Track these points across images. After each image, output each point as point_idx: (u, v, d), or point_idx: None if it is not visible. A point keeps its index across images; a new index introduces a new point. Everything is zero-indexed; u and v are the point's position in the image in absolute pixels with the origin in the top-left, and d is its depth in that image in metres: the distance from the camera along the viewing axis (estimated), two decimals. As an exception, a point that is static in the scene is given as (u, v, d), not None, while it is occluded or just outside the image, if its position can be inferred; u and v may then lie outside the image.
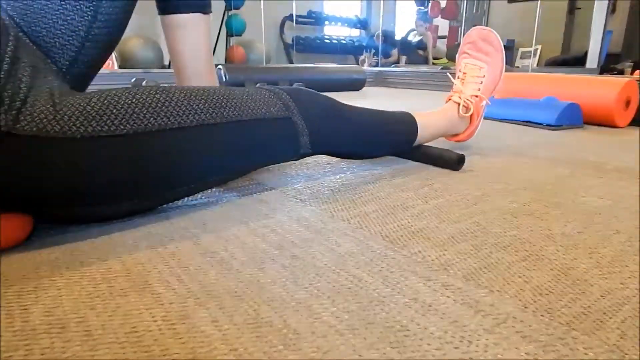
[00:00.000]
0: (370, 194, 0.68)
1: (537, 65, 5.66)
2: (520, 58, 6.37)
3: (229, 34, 5.69)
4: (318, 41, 6.58)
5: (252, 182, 0.73)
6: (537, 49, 5.81)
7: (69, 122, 0.45)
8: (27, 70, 0.45)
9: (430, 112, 0.90)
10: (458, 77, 0.99)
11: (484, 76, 0.96)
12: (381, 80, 3.19)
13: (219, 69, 2.31)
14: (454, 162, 0.81)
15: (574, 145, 1.08)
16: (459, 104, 0.94)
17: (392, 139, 0.82)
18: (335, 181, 0.74)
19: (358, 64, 6.65)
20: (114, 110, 0.48)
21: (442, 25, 6.47)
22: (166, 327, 0.34)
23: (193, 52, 0.74)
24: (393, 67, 3.77)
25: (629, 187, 0.72)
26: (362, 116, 0.74)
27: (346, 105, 0.72)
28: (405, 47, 5.43)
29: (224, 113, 0.56)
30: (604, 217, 0.58)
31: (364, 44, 7.00)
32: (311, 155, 0.68)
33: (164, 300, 0.38)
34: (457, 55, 1.03)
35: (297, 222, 0.56)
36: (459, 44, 1.05)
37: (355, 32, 7.30)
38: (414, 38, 5.71)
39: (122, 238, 0.50)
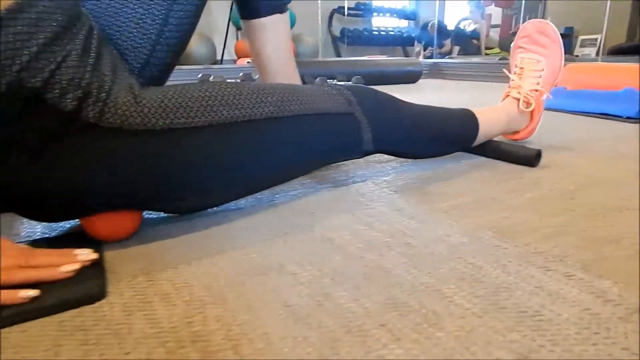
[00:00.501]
0: (459, 186, 0.69)
1: (599, 54, 5.34)
2: (580, 46, 6.03)
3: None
4: (367, 33, 6.52)
5: (341, 174, 0.76)
6: (599, 37, 5.48)
7: (149, 114, 0.48)
8: (109, 66, 0.49)
9: (489, 109, 0.88)
10: (515, 72, 0.96)
11: (542, 69, 0.93)
12: (436, 72, 3.14)
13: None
14: (532, 158, 0.80)
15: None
16: (518, 100, 0.92)
17: (453, 137, 0.80)
18: (419, 175, 0.76)
19: (407, 56, 6.55)
20: (189, 103, 0.51)
21: (495, 13, 6.24)
22: (314, 303, 0.38)
23: (275, 51, 0.77)
24: (447, 58, 3.69)
25: None
26: (423, 114, 0.74)
27: (406, 102, 0.73)
28: (459, 37, 5.29)
29: (290, 107, 0.57)
30: None
31: (414, 35, 6.87)
32: (373, 154, 0.68)
33: (302, 280, 0.42)
34: (511, 50, 1.00)
35: (399, 212, 0.58)
36: (514, 33, 1.03)
37: (404, 23, 7.17)
38: (467, 27, 5.55)
39: (240, 225, 0.55)
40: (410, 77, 2.68)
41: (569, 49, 5.95)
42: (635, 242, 0.49)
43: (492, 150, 0.86)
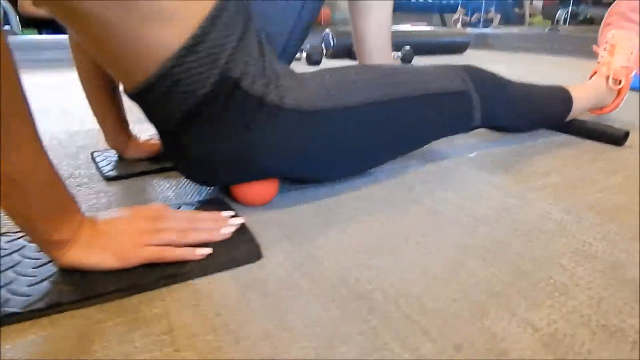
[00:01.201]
0: (547, 165, 0.72)
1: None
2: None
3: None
4: (404, -1, 6.32)
5: (426, 151, 0.79)
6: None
7: (313, 96, 0.53)
8: (273, 55, 0.54)
9: (580, 86, 0.90)
10: (604, 49, 0.96)
11: (635, 46, 0.93)
12: (483, 43, 3.06)
13: (327, 33, 2.35)
14: (620, 138, 0.82)
15: None
16: (607, 77, 0.92)
17: (551, 113, 0.85)
18: (504, 151, 0.78)
19: (444, 23, 6.33)
20: (343, 87, 0.56)
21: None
22: (451, 271, 0.43)
23: (377, 30, 0.80)
24: (491, 28, 3.57)
25: None
26: (525, 91, 0.78)
27: (509, 80, 0.75)
28: (500, 4, 5.09)
29: (420, 86, 0.62)
30: None
31: (453, 1, 6.61)
32: (477, 128, 0.73)
33: (431, 249, 0.46)
34: (601, 27, 1.00)
35: (497, 189, 0.62)
36: (560, 1, 1.01)
37: (442, -12, 6.89)
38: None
39: (355, 197, 0.59)
40: (457, 48, 2.63)
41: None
42: None
43: (578, 128, 0.88)
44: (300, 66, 1.98)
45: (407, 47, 2.15)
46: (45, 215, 0.37)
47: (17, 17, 3.06)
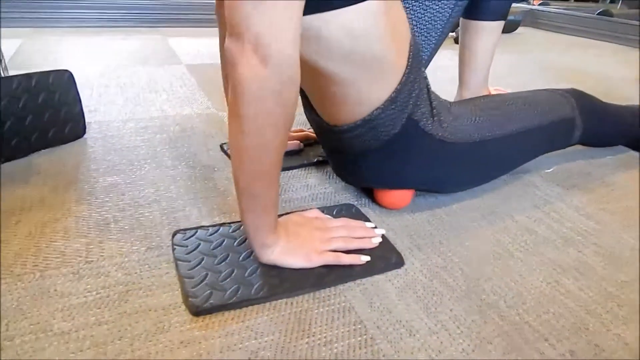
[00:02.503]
0: (620, 186, 0.82)
1: None
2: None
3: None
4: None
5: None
6: None
7: (465, 131, 0.65)
8: (430, 89, 0.64)
9: None
10: None
11: None
12: (531, 21, 3.00)
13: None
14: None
15: None
16: None
17: (634, 132, 0.93)
18: (577, 167, 0.88)
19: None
20: (486, 123, 0.67)
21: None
22: (550, 288, 0.55)
23: (483, 52, 0.88)
24: (545, 6, 3.46)
25: None
26: (618, 112, 0.89)
27: (607, 104, 0.85)
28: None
29: (542, 117, 0.73)
30: None
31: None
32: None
33: (533, 266, 0.59)
34: None
35: (576, 210, 0.73)
36: None
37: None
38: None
39: (468, 205, 0.71)
40: (508, 27, 2.61)
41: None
42: None
43: None
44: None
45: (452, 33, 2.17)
46: (266, 226, 0.50)
47: None
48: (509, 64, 1.80)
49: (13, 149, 0.76)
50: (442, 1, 0.74)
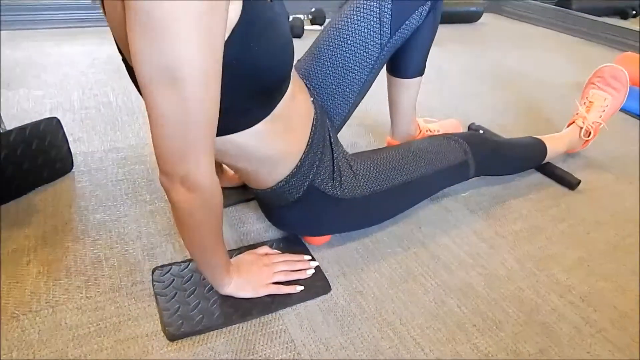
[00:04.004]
0: (515, 210, 1.01)
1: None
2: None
3: None
4: None
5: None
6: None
7: (364, 186, 0.81)
8: (337, 143, 0.80)
9: (557, 137, 1.17)
10: (584, 104, 1.21)
11: (607, 106, 1.18)
12: (496, 7, 3.12)
13: None
14: (574, 185, 1.11)
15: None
16: (581, 128, 1.18)
17: (529, 163, 1.14)
18: (488, 192, 1.07)
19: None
20: (381, 175, 0.83)
21: None
22: (435, 307, 0.75)
23: (408, 101, 1.04)
24: None
25: None
26: (510, 146, 1.07)
27: (498, 139, 1.04)
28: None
29: (433, 166, 0.89)
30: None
31: None
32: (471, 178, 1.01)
33: (428, 288, 0.78)
34: (585, 85, 1.23)
35: (476, 235, 0.92)
36: None
37: None
38: None
39: (379, 237, 0.90)
40: (470, 17, 2.73)
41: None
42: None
43: (547, 170, 1.16)
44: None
45: (313, 9, 2.30)
46: (219, 272, 0.68)
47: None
48: (461, 66, 1.95)
49: (14, 190, 0.91)
50: (359, 69, 0.86)
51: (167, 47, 0.45)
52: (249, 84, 0.59)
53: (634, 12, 3.41)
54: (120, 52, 0.59)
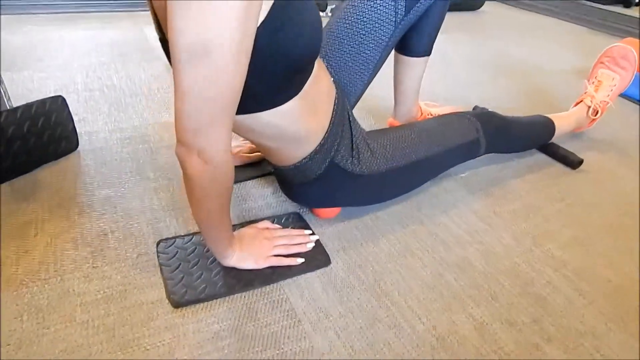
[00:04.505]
0: (514, 190, 1.03)
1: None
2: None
3: None
4: None
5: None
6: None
7: (381, 164, 0.83)
8: (355, 122, 0.82)
9: (564, 116, 1.18)
10: (592, 83, 1.22)
11: (615, 85, 1.19)
12: (499, -5, 3.10)
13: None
14: (576, 164, 1.12)
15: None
16: (589, 107, 1.20)
17: (538, 140, 1.16)
18: (487, 172, 1.09)
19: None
20: (399, 152, 0.85)
21: None
22: (435, 281, 0.76)
23: (412, 82, 1.05)
24: None
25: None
26: (519, 124, 1.09)
27: (510, 118, 1.05)
28: None
29: (447, 142, 0.92)
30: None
31: None
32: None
33: (426, 263, 0.80)
34: (593, 65, 1.24)
35: (474, 214, 0.94)
36: None
37: None
38: None
39: (388, 212, 0.91)
40: (472, 4, 2.72)
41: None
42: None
43: (552, 152, 1.18)
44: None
45: None
46: (223, 244, 0.70)
47: None
48: (464, 53, 1.95)
49: (21, 165, 0.93)
50: (374, 47, 0.89)
51: (205, 20, 0.47)
52: (280, 65, 0.61)
53: (637, 0, 3.40)
54: (160, 31, 0.62)
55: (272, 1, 0.54)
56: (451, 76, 1.70)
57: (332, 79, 0.80)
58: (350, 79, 0.90)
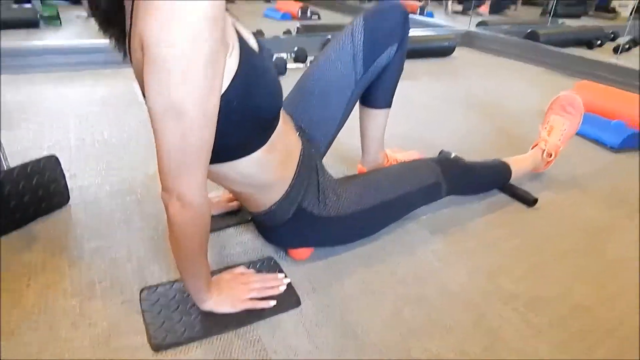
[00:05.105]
0: (472, 229, 1.12)
1: (636, 10, 5.23)
2: (620, -4, 5.85)
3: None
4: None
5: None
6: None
7: (346, 207, 0.92)
8: (322, 169, 0.91)
9: (521, 159, 1.30)
10: (545, 128, 1.34)
11: (565, 129, 1.32)
12: (469, 41, 3.32)
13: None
14: (531, 202, 1.23)
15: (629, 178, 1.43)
16: (543, 150, 1.31)
17: (496, 183, 1.27)
18: (448, 214, 1.18)
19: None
20: (363, 196, 0.95)
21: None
22: (397, 312, 0.84)
23: (377, 129, 1.17)
24: (481, 27, 3.77)
25: (643, 240, 1.11)
26: (479, 170, 1.20)
27: (469, 163, 1.17)
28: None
29: (409, 184, 1.01)
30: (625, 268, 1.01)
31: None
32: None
33: (389, 297, 0.87)
34: (546, 112, 1.37)
35: (432, 253, 1.02)
36: None
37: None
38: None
39: (352, 255, 0.99)
40: (444, 51, 2.92)
41: (605, 1, 5.77)
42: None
43: (508, 190, 1.29)
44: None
45: (295, 48, 2.48)
46: (201, 287, 0.77)
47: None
48: (434, 96, 2.10)
49: (16, 221, 1.00)
50: (338, 102, 1.00)
51: (175, 86, 0.57)
52: (248, 120, 0.71)
53: (599, 42, 3.65)
54: (143, 94, 0.72)
55: (237, 68, 0.65)
56: (422, 119, 1.84)
57: (299, 131, 0.90)
58: (318, 130, 1.01)
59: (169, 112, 0.58)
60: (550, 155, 1.33)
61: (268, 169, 0.80)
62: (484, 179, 1.23)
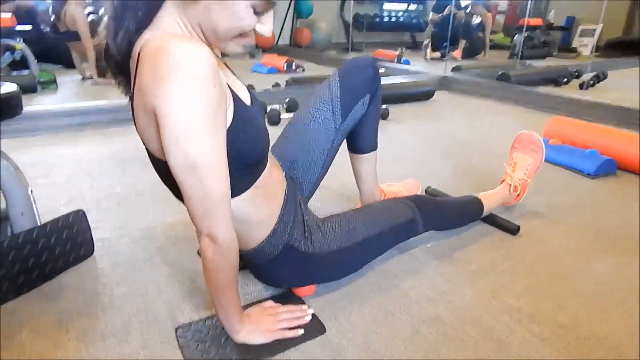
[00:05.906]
0: (471, 254, 1.22)
1: (596, 49, 5.68)
2: (580, 36, 6.35)
3: (297, 17, 6.01)
4: (377, 19, 6.78)
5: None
6: (596, 28, 5.80)
7: (331, 244, 1.00)
8: (305, 207, 1.00)
9: (490, 194, 1.41)
10: (510, 165, 1.48)
11: (529, 165, 1.45)
12: (447, 85, 3.57)
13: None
14: (513, 231, 1.34)
15: (605, 209, 1.56)
16: (510, 185, 1.43)
17: (468, 217, 1.36)
18: (449, 242, 1.28)
19: (415, 42, 6.81)
20: (348, 234, 1.03)
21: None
22: (412, 334, 0.91)
23: (369, 171, 1.29)
24: (455, 72, 4.04)
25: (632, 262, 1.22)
26: (453, 205, 1.31)
27: (442, 199, 1.28)
28: (466, 30, 5.53)
29: (388, 222, 1.10)
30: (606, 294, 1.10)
31: (423, 21, 7.05)
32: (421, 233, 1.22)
33: (404, 320, 0.95)
34: (510, 150, 1.51)
35: (441, 276, 1.11)
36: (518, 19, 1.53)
37: (413, 7, 7.37)
38: (473, 20, 5.82)
39: (353, 289, 1.07)
40: (425, 95, 3.13)
41: (567, 41, 6.26)
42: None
43: (491, 220, 1.39)
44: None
45: (287, 99, 2.68)
46: (234, 319, 0.84)
47: (35, 61, 3.37)
48: (417, 137, 2.25)
49: (47, 273, 1.06)
50: (320, 148, 1.10)
51: (186, 146, 0.68)
52: (238, 162, 0.80)
53: (565, 79, 3.95)
54: (148, 153, 0.83)
55: (232, 119, 0.76)
56: (407, 158, 1.98)
57: (285, 173, 1.01)
58: (302, 175, 1.11)
59: (185, 168, 0.70)
60: (516, 189, 1.43)
61: (256, 207, 0.88)
62: (457, 214, 1.31)
